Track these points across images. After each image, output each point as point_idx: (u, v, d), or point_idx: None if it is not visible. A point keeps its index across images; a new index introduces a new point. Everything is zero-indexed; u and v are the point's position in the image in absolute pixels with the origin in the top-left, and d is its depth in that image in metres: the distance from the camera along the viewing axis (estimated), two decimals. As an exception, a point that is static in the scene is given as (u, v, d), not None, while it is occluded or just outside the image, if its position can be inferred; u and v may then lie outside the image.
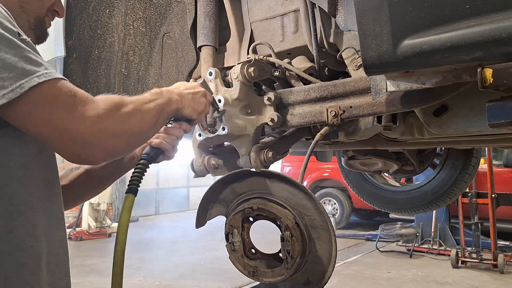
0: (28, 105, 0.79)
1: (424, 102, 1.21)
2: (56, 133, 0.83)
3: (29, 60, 0.80)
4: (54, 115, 0.81)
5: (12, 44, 0.79)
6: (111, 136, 0.89)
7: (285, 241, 1.29)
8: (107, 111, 0.88)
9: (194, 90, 1.17)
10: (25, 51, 0.80)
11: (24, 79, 0.77)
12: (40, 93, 0.79)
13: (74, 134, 0.83)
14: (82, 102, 0.84)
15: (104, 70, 1.75)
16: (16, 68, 0.77)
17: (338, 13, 1.31)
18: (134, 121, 0.95)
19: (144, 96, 1.02)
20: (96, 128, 0.85)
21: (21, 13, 1.02)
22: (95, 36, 1.73)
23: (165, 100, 1.05)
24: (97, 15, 1.72)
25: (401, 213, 3.07)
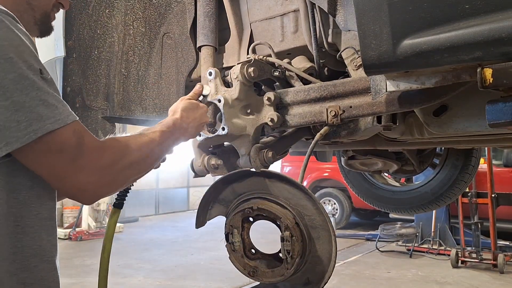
0: (37, 151, 0.82)
1: (424, 102, 1.21)
2: (57, 178, 0.87)
3: (45, 104, 0.82)
4: (58, 163, 0.85)
5: (33, 86, 0.81)
6: (107, 185, 0.93)
7: (285, 241, 1.29)
8: (110, 161, 0.92)
9: (200, 122, 1.25)
10: (44, 94, 0.82)
11: (38, 125, 0.80)
12: (50, 140, 0.82)
13: (73, 182, 0.87)
14: (88, 150, 0.88)
15: (104, 70, 1.75)
16: (32, 112, 0.80)
17: (337, 13, 1.31)
18: (135, 170, 0.99)
19: (155, 137, 1.06)
20: (94, 178, 0.89)
21: (27, 9, 1.03)
22: (95, 36, 1.73)
23: (172, 142, 1.13)
24: (97, 15, 1.72)
25: (401, 213, 3.07)
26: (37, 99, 0.81)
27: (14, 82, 0.79)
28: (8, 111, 0.78)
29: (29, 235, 0.87)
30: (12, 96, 0.78)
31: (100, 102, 1.74)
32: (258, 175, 1.38)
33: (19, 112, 0.79)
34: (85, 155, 0.87)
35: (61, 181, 0.87)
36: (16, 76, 0.79)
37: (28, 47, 0.84)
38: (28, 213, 0.88)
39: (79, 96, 1.69)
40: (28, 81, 0.80)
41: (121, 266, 6.39)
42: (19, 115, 0.79)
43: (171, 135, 1.12)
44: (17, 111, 0.79)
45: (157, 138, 1.06)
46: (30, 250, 0.87)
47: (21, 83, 0.80)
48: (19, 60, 0.80)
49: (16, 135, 0.79)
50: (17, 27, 0.84)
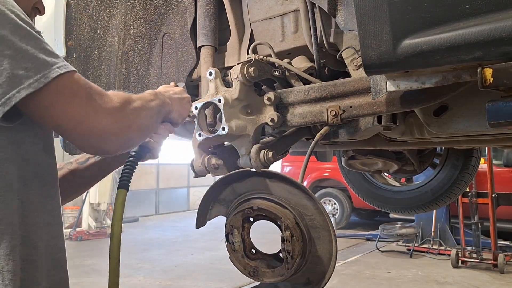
0: (50, 95, 0.82)
1: (424, 102, 1.21)
2: (75, 123, 0.85)
3: (47, 52, 0.83)
4: (73, 106, 0.84)
5: (31, 35, 0.81)
6: (126, 128, 0.94)
7: (286, 241, 1.29)
8: (121, 104, 0.93)
9: (181, 96, 1.26)
10: (42, 43, 0.83)
11: (47, 70, 0.80)
12: (61, 84, 0.82)
13: (92, 125, 0.86)
14: (98, 94, 0.89)
15: (104, 70, 1.75)
16: (38, 58, 0.80)
17: (338, 13, 1.31)
18: (143, 116, 1.01)
19: (145, 95, 1.08)
20: (113, 119, 0.90)
21: None
22: (95, 36, 1.73)
23: (161, 102, 1.12)
24: (97, 15, 1.72)
25: (401, 213, 3.07)
26: (38, 47, 0.81)
27: (12, 32, 0.79)
28: (13, 59, 0.78)
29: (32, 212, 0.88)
30: (14, 45, 0.78)
31: (100, 102, 1.74)
32: (258, 175, 1.38)
33: (25, 59, 0.79)
34: (97, 98, 0.87)
35: (79, 127, 0.85)
36: (12, 26, 0.79)
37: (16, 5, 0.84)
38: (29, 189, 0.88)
39: (79, 96, 1.69)
40: (25, 30, 0.81)
41: (121, 266, 6.39)
42: (25, 62, 0.78)
43: (156, 96, 1.11)
44: (22, 57, 0.78)
45: (145, 95, 1.08)
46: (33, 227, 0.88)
47: (19, 33, 0.80)
48: (11, 13, 0.80)
49: (27, 81, 0.78)
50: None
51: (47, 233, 0.91)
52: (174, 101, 1.20)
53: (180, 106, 1.24)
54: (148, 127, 1.05)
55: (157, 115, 1.10)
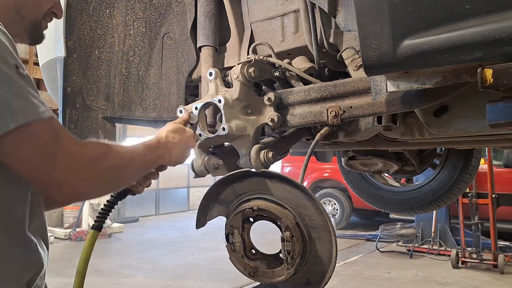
0: (10, 143, 0.80)
1: (424, 102, 1.21)
2: (32, 172, 0.84)
3: (20, 97, 0.80)
4: (32, 156, 0.82)
5: (6, 79, 0.80)
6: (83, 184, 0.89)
7: (286, 242, 1.29)
8: (88, 159, 0.88)
9: (186, 145, 1.24)
10: (18, 88, 0.81)
11: (11, 117, 0.78)
12: (24, 133, 0.80)
13: (48, 176, 0.84)
14: (64, 145, 0.85)
15: (104, 70, 1.75)
16: (5, 105, 0.78)
17: (338, 13, 1.31)
18: (114, 176, 0.96)
19: (138, 149, 1.05)
20: (70, 173, 0.85)
21: (16, 17, 1.02)
22: (95, 36, 1.73)
23: (156, 157, 1.11)
24: (97, 15, 1.72)
25: (401, 213, 3.07)
26: (10, 93, 0.79)
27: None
28: None
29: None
30: None
31: (101, 102, 1.74)
32: (258, 175, 1.38)
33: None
34: (62, 150, 0.84)
35: (36, 176, 0.84)
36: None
37: (3, 44, 0.83)
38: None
39: (80, 96, 1.69)
40: (1, 75, 0.79)
41: (121, 266, 6.39)
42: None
43: (154, 150, 1.11)
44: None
45: (140, 149, 1.06)
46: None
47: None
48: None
49: None
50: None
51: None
52: (176, 153, 1.19)
53: (180, 156, 1.22)
54: (120, 185, 1.03)
55: (142, 171, 1.08)
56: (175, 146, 1.19)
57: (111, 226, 9.28)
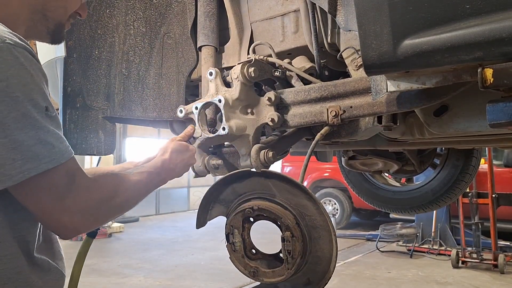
0: (28, 188, 0.84)
1: (424, 102, 1.21)
2: (41, 215, 0.88)
3: (43, 143, 0.84)
4: (45, 201, 0.86)
5: (35, 125, 0.83)
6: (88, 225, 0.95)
7: (286, 241, 1.29)
8: (97, 203, 0.93)
9: (187, 163, 1.29)
10: (43, 133, 0.84)
11: (33, 165, 0.82)
12: (42, 179, 0.84)
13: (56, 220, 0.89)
14: (77, 190, 0.89)
15: (105, 70, 1.75)
16: (29, 151, 0.82)
17: (338, 13, 1.31)
18: (119, 211, 1.02)
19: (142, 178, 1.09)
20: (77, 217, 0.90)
21: (41, 19, 1.03)
22: (95, 36, 1.73)
23: (158, 182, 1.16)
24: (97, 15, 1.72)
25: (402, 213, 3.07)
26: (35, 138, 0.82)
27: (16, 121, 0.80)
28: (5, 148, 0.79)
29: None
30: (12, 134, 0.80)
31: (101, 102, 1.74)
32: (258, 175, 1.38)
33: (16, 150, 0.80)
34: (73, 196, 0.89)
35: (45, 217, 0.89)
36: (19, 115, 0.81)
37: (37, 85, 0.85)
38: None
39: (80, 96, 1.69)
40: (30, 119, 0.82)
41: (121, 266, 6.39)
42: (15, 153, 0.80)
43: (157, 176, 1.15)
44: (14, 149, 0.80)
45: (144, 180, 1.09)
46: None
47: (22, 122, 0.81)
48: (25, 98, 0.82)
49: (10, 173, 0.80)
50: (30, 63, 0.85)
51: None
52: (177, 170, 1.24)
53: (181, 172, 1.26)
54: (121, 214, 1.07)
55: (148, 192, 1.13)
56: (177, 166, 1.24)
57: (111, 226, 9.29)
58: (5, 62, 0.81)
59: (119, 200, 0.99)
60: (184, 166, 1.28)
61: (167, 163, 1.21)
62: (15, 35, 0.86)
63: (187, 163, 1.29)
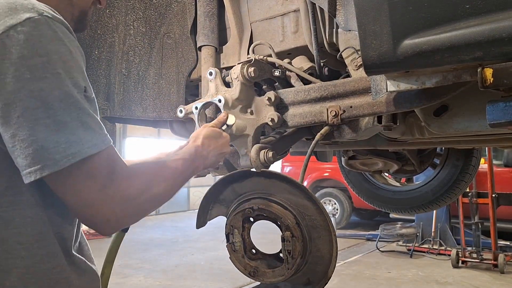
0: (69, 175, 0.78)
1: (424, 102, 1.21)
2: (81, 206, 0.82)
3: (85, 126, 0.79)
4: (85, 190, 0.80)
5: (76, 105, 0.78)
6: (129, 216, 0.89)
7: (286, 241, 1.29)
8: (137, 192, 0.88)
9: (221, 152, 1.21)
10: (85, 115, 0.79)
11: (77, 149, 0.77)
12: (84, 165, 0.78)
13: (96, 211, 0.82)
14: (118, 180, 0.84)
15: (104, 70, 1.75)
16: (72, 134, 0.76)
17: (338, 13, 1.31)
18: (159, 201, 0.96)
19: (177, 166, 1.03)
20: (119, 208, 0.85)
21: (68, 5, 1.00)
22: (95, 36, 1.73)
23: (193, 170, 1.09)
24: (97, 15, 1.72)
25: (402, 213, 3.07)
26: (78, 121, 0.78)
27: (59, 100, 0.76)
28: (49, 130, 0.74)
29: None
30: (55, 114, 0.75)
31: (101, 102, 1.74)
32: (258, 175, 1.38)
33: (60, 132, 0.75)
34: (114, 184, 0.83)
35: (86, 209, 0.82)
36: (62, 93, 0.76)
37: (77, 62, 0.81)
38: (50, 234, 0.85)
39: (80, 96, 1.69)
40: (72, 99, 0.77)
41: (121, 266, 6.39)
42: (59, 136, 0.75)
43: (192, 164, 1.08)
44: (57, 131, 0.75)
45: (179, 167, 1.03)
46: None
47: (65, 101, 0.76)
48: (67, 76, 0.77)
49: (54, 157, 0.75)
50: (69, 39, 0.81)
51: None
52: (210, 160, 1.17)
53: (214, 161, 1.19)
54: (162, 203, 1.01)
55: (185, 182, 1.07)
56: (210, 153, 1.16)
57: (111, 226, 9.28)
58: (44, 36, 0.76)
59: (158, 189, 0.94)
60: (218, 155, 1.20)
61: (200, 149, 1.13)
62: (51, 9, 0.81)
63: (221, 151, 1.21)
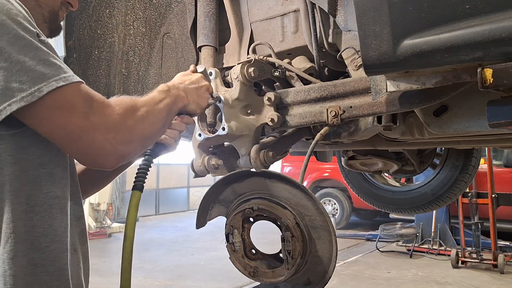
0: (45, 109, 0.79)
1: (424, 102, 1.21)
2: (72, 138, 0.83)
3: (47, 63, 0.80)
4: (70, 121, 0.81)
5: (31, 45, 0.79)
6: (125, 142, 0.90)
7: (286, 241, 1.29)
8: (122, 116, 0.88)
9: (198, 85, 1.18)
10: (43, 53, 0.80)
11: (43, 83, 0.77)
12: (58, 98, 0.79)
13: (89, 140, 0.83)
14: (99, 108, 0.85)
15: (104, 70, 1.75)
16: (34, 71, 0.77)
17: (338, 13, 1.31)
18: (147, 125, 0.96)
19: (154, 96, 1.03)
20: (111, 135, 0.86)
21: (35, 6, 1.00)
22: (95, 36, 1.73)
23: (173, 98, 1.06)
24: (97, 15, 1.72)
25: (401, 213, 3.07)
26: (37, 58, 0.78)
27: (10, 43, 0.76)
28: (8, 72, 0.75)
29: (39, 214, 0.85)
30: (10, 57, 0.76)
31: (101, 102, 1.74)
32: (258, 175, 1.38)
33: (20, 72, 0.76)
34: (97, 112, 0.84)
35: (76, 142, 0.83)
36: (11, 37, 0.77)
37: (22, 13, 0.81)
38: (38, 192, 0.85)
39: (80, 96, 1.69)
40: (24, 41, 0.78)
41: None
42: (21, 75, 0.76)
43: (169, 93, 1.06)
44: (18, 71, 0.76)
45: (156, 96, 1.03)
46: (40, 229, 0.85)
47: (17, 44, 0.77)
48: (12, 22, 0.78)
49: (20, 95, 0.75)
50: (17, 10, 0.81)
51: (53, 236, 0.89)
52: (191, 92, 1.14)
53: (197, 96, 1.16)
54: (154, 134, 1.01)
55: (168, 116, 1.04)
56: (187, 87, 1.13)
57: (111, 226, 9.29)
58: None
59: (141, 111, 0.93)
60: (197, 88, 1.16)
61: (172, 84, 1.10)
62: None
63: (198, 84, 1.17)
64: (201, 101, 1.18)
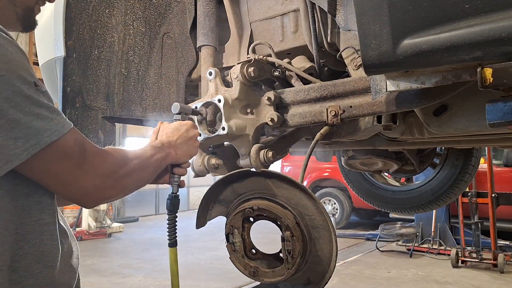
0: (40, 163, 0.84)
1: (424, 101, 1.21)
2: (63, 184, 0.89)
3: (40, 117, 0.83)
4: (64, 170, 0.87)
5: (27, 101, 0.82)
6: (110, 188, 0.95)
7: (286, 241, 1.29)
8: (112, 168, 0.95)
9: (188, 137, 1.25)
10: (38, 108, 0.83)
11: (37, 139, 0.81)
12: (52, 150, 0.84)
13: (79, 186, 0.89)
14: (90, 157, 0.90)
15: (104, 70, 1.75)
16: (28, 128, 0.81)
17: (338, 12, 1.31)
18: (134, 179, 1.03)
19: (146, 150, 1.10)
20: (99, 181, 0.91)
21: (8, 5, 1.00)
22: (95, 36, 1.73)
23: (164, 155, 1.14)
24: (97, 15, 1.72)
25: (401, 212, 3.07)
26: (31, 114, 0.82)
27: (8, 100, 0.79)
28: (4, 130, 0.79)
29: (30, 242, 0.88)
30: (7, 114, 0.79)
31: (100, 102, 1.74)
32: (258, 175, 1.38)
33: (15, 129, 0.79)
34: (88, 160, 0.89)
35: (66, 187, 0.89)
36: (10, 94, 0.79)
37: (19, 61, 0.83)
38: (27, 220, 0.88)
39: (79, 96, 1.69)
40: (22, 97, 0.81)
41: (121, 266, 6.39)
42: (16, 133, 0.79)
43: (160, 150, 1.14)
44: (13, 128, 0.79)
45: (148, 151, 1.10)
46: (32, 257, 0.88)
47: (14, 100, 0.80)
48: (12, 75, 0.80)
49: (15, 152, 0.79)
50: (6, 40, 0.83)
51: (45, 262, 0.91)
52: (180, 148, 1.21)
53: (187, 149, 1.24)
54: (140, 185, 1.07)
55: (156, 170, 1.13)
56: (178, 141, 1.21)
57: (111, 226, 9.28)
58: None
59: (131, 165, 1.00)
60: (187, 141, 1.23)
61: (165, 139, 1.19)
62: None
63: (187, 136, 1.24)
64: (190, 152, 1.26)
